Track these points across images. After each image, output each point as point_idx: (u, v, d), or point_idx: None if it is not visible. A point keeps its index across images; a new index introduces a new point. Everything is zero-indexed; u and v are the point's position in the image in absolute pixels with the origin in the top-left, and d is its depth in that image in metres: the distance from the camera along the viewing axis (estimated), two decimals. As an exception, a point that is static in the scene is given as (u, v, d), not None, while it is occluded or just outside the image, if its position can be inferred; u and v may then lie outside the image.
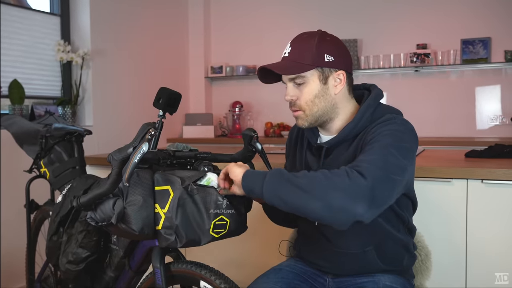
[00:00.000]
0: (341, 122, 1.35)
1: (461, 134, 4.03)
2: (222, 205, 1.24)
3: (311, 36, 1.31)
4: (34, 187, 2.14)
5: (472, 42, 3.93)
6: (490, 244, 1.75)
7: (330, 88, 1.31)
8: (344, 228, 1.09)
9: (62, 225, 1.68)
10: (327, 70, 1.30)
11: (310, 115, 1.32)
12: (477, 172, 1.74)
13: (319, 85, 1.30)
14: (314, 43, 1.29)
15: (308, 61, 1.28)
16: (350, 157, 1.29)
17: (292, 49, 1.31)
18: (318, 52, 1.28)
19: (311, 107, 1.31)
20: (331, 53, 1.29)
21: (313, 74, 1.29)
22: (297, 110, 1.33)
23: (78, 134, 1.96)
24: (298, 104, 1.32)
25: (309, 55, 1.28)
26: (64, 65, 3.54)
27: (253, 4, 4.78)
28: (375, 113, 1.32)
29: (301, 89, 1.31)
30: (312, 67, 1.28)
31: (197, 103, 4.89)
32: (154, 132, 1.20)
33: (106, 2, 3.78)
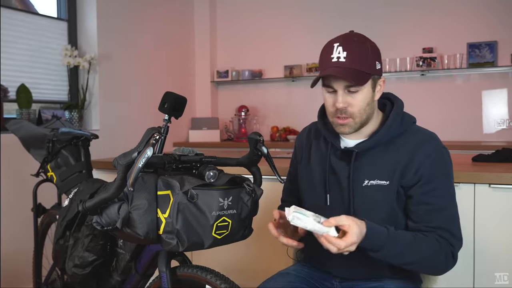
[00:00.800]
0: (371, 127, 1.37)
1: (467, 138, 4.01)
2: (224, 205, 1.24)
3: (362, 41, 1.30)
4: (41, 191, 2.15)
5: (478, 46, 3.92)
6: (498, 248, 1.74)
7: (375, 95, 1.33)
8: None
9: (69, 228, 1.69)
10: (376, 78, 1.32)
11: (359, 122, 1.31)
12: (485, 177, 1.73)
13: (370, 93, 1.31)
14: (369, 50, 1.29)
15: (366, 69, 1.27)
16: (385, 167, 1.32)
17: (348, 54, 1.26)
18: (372, 60, 1.29)
19: (362, 114, 1.31)
20: (379, 60, 1.32)
21: (368, 82, 1.29)
22: (346, 117, 1.30)
23: (84, 138, 1.97)
24: (350, 111, 1.29)
25: (367, 63, 1.27)
26: (71, 69, 3.56)
27: (259, 8, 4.79)
28: (403, 121, 1.36)
29: (354, 96, 1.28)
30: (370, 76, 1.28)
31: (203, 107, 4.90)
32: (158, 136, 1.20)
33: (113, 7, 3.80)
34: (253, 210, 1.36)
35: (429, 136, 1.35)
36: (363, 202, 1.31)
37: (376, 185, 1.31)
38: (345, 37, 1.31)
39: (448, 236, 1.27)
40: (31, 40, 3.31)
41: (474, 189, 1.76)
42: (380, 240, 1.20)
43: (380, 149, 1.34)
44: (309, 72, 4.43)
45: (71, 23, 3.63)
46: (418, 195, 1.30)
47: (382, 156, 1.33)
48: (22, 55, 3.25)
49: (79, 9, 3.67)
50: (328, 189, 1.39)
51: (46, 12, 3.52)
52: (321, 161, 1.43)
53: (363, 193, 1.33)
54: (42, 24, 3.41)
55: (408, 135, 1.34)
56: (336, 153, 1.40)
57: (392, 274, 1.36)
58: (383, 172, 1.31)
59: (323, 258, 1.44)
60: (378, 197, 1.31)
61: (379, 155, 1.33)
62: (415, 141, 1.32)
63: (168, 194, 1.21)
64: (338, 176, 1.37)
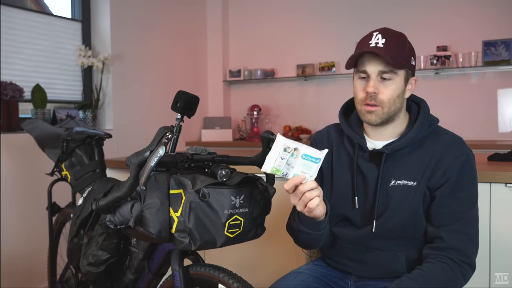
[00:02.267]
0: (397, 128, 1.37)
1: (483, 137, 3.96)
2: (236, 204, 1.24)
3: (401, 35, 1.33)
4: (56, 190, 2.17)
5: (494, 43, 3.87)
6: (503, 254, 1.71)
7: (406, 91, 1.35)
8: None
9: (83, 227, 1.70)
10: (410, 73, 1.34)
11: (386, 112, 1.31)
12: (501, 176, 1.71)
13: (402, 86, 1.32)
14: (407, 43, 1.32)
15: (403, 60, 1.29)
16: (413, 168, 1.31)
17: (387, 41, 1.27)
18: (409, 54, 1.31)
19: (391, 104, 1.30)
20: (414, 58, 1.35)
21: (401, 74, 1.31)
22: (375, 105, 1.30)
23: (98, 137, 1.98)
24: (380, 99, 1.29)
25: (404, 54, 1.30)
26: (85, 69, 3.59)
27: (271, 8, 4.79)
28: (430, 123, 1.37)
29: (387, 85, 1.29)
30: (405, 67, 1.30)
31: (216, 106, 4.91)
32: (170, 135, 1.20)
33: (126, 7, 3.83)
34: (265, 209, 1.36)
35: (457, 138, 1.36)
36: (388, 202, 1.30)
37: (404, 185, 1.30)
38: (385, 28, 1.32)
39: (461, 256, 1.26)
40: (46, 41, 3.35)
41: (490, 189, 1.73)
42: None
43: (409, 150, 1.33)
44: (322, 71, 4.41)
45: (85, 24, 3.67)
46: (443, 197, 1.28)
47: (410, 157, 1.32)
48: (37, 55, 3.29)
49: (93, 10, 3.70)
50: (356, 192, 1.37)
51: (60, 13, 3.55)
52: (349, 164, 1.41)
53: (389, 193, 1.31)
54: (57, 24, 3.45)
55: (435, 136, 1.34)
56: (364, 155, 1.38)
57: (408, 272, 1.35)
58: (411, 173, 1.31)
59: (338, 256, 1.44)
60: (404, 197, 1.30)
61: (407, 156, 1.33)
62: (443, 143, 1.32)
63: (180, 193, 1.21)
64: (367, 178, 1.35)
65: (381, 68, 1.28)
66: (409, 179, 1.30)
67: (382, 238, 1.34)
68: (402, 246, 1.34)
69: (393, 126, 1.36)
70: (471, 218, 1.29)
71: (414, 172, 1.30)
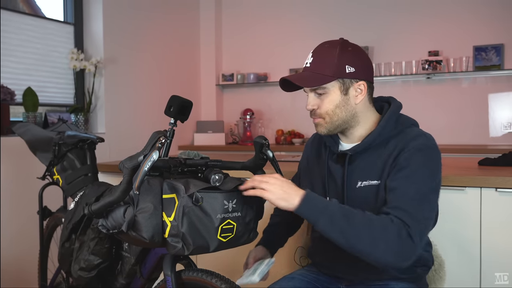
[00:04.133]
0: (362, 130, 1.38)
1: (474, 141, 3.99)
2: (228, 208, 1.24)
3: (333, 46, 1.34)
4: (47, 194, 2.16)
5: (484, 48, 3.90)
6: (505, 253, 1.73)
7: (351, 99, 1.34)
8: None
9: (75, 232, 1.69)
10: (348, 81, 1.33)
11: (330, 123, 1.35)
12: (491, 181, 1.72)
13: (339, 96, 1.33)
14: (336, 53, 1.31)
15: (329, 73, 1.30)
16: (375, 167, 1.32)
17: (313, 59, 1.34)
18: (340, 63, 1.31)
19: (331, 116, 1.34)
20: (353, 64, 1.32)
21: (334, 85, 1.32)
22: (318, 117, 1.36)
23: (90, 141, 1.98)
24: (319, 113, 1.35)
25: (331, 66, 1.31)
26: (77, 73, 3.58)
27: (264, 12, 4.80)
28: (398, 122, 1.36)
29: (322, 98, 1.34)
30: (333, 79, 1.31)
31: (208, 110, 4.91)
32: (164, 140, 1.20)
33: (119, 11, 3.82)
34: (258, 214, 1.36)
35: (421, 133, 1.32)
36: (356, 203, 1.31)
37: (368, 185, 1.32)
38: (321, 44, 1.38)
39: (404, 215, 1.18)
40: (38, 44, 3.34)
41: (481, 193, 1.75)
42: (316, 210, 1.19)
43: (373, 151, 1.34)
44: (314, 76, 4.42)
45: (78, 27, 3.66)
46: (389, 181, 1.26)
47: (375, 157, 1.33)
48: (29, 58, 3.27)
49: (86, 13, 3.69)
50: (327, 191, 1.41)
51: (52, 15, 3.54)
52: (320, 165, 1.47)
53: (357, 194, 1.34)
54: (49, 27, 3.43)
55: (403, 135, 1.33)
56: (333, 157, 1.43)
57: (398, 275, 1.36)
58: (374, 172, 1.32)
59: (330, 261, 1.45)
60: (369, 197, 1.31)
61: (372, 157, 1.34)
62: (405, 139, 1.31)
63: (173, 198, 1.20)
64: (335, 179, 1.40)
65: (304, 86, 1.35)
66: (373, 179, 1.32)
67: None
68: None
69: (358, 130, 1.38)
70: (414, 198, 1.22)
71: (377, 171, 1.31)
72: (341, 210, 1.19)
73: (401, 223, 1.17)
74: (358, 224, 1.17)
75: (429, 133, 1.34)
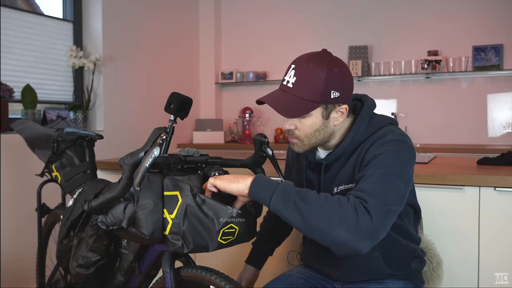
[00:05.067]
0: (338, 140, 1.34)
1: (472, 141, 4.00)
2: (233, 213, 1.23)
3: (319, 68, 1.22)
4: (46, 191, 2.16)
5: (484, 49, 3.91)
6: (503, 252, 1.73)
7: (330, 121, 1.29)
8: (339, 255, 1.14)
9: (73, 229, 1.69)
10: (331, 106, 1.26)
11: (307, 144, 1.31)
12: (490, 180, 1.72)
13: (320, 120, 1.27)
14: (322, 78, 1.22)
15: (314, 98, 1.22)
16: (349, 172, 1.30)
17: (297, 80, 1.24)
18: (325, 89, 1.22)
19: (310, 139, 1.30)
20: (338, 89, 1.24)
21: (317, 111, 1.25)
22: (294, 138, 1.32)
23: (89, 138, 1.97)
24: (297, 134, 1.30)
25: (316, 92, 1.22)
26: (76, 70, 3.57)
27: (263, 10, 4.80)
28: (370, 125, 1.31)
29: (302, 122, 1.27)
30: (318, 105, 1.24)
31: (208, 108, 4.91)
32: (165, 136, 1.20)
33: (118, 8, 3.81)
34: (257, 213, 1.36)
35: (391, 130, 1.27)
36: None
37: (344, 189, 1.31)
38: (303, 59, 1.26)
39: (362, 195, 1.11)
40: (37, 41, 3.33)
41: (479, 193, 1.75)
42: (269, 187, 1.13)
43: (347, 156, 1.32)
44: (314, 75, 4.42)
45: (77, 24, 3.65)
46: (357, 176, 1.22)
47: (349, 163, 1.31)
48: (28, 55, 3.27)
49: (85, 10, 3.69)
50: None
51: (51, 13, 3.53)
52: (299, 174, 1.48)
53: None
54: (48, 25, 3.43)
55: (374, 136, 1.28)
56: (310, 166, 1.43)
57: (392, 274, 1.36)
58: (348, 177, 1.30)
59: (321, 263, 1.46)
60: None
61: (346, 163, 1.32)
62: (375, 138, 1.27)
63: (177, 195, 1.20)
64: (313, 186, 1.40)
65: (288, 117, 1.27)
66: (348, 183, 1.30)
67: None
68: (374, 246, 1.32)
69: (336, 139, 1.34)
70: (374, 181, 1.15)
71: (350, 174, 1.30)
72: (295, 188, 1.13)
73: (358, 200, 1.10)
74: (313, 201, 1.09)
75: (401, 130, 1.30)
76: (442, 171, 1.86)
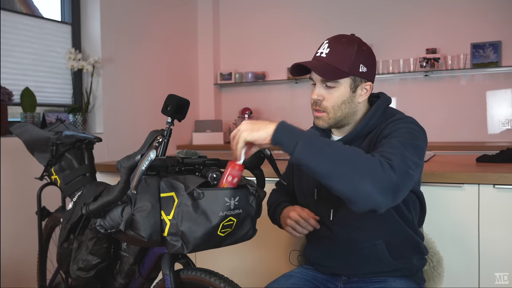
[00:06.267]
0: (353, 125, 1.41)
1: (472, 138, 4.00)
2: (230, 205, 1.23)
3: (351, 42, 1.34)
4: (45, 194, 2.16)
5: (482, 46, 3.91)
6: (503, 250, 1.73)
7: (356, 96, 1.37)
8: (358, 211, 1.10)
9: (73, 232, 1.69)
10: (359, 80, 1.35)
11: (332, 118, 1.36)
12: (489, 177, 1.72)
13: (348, 92, 1.35)
14: (354, 51, 1.32)
15: (345, 68, 1.31)
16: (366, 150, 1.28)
17: (330, 51, 1.33)
18: (355, 61, 1.32)
19: (336, 111, 1.35)
20: (366, 64, 1.35)
21: (346, 81, 1.33)
22: (321, 111, 1.36)
23: (88, 141, 1.97)
24: (324, 105, 1.36)
25: (347, 62, 1.31)
26: (75, 73, 3.58)
27: (261, 10, 4.80)
28: (386, 112, 1.39)
29: (331, 92, 1.34)
30: (348, 75, 1.32)
31: (207, 109, 4.91)
32: (161, 139, 1.20)
33: (117, 10, 3.81)
34: (257, 212, 1.36)
35: (404, 116, 1.34)
36: None
37: None
38: (337, 36, 1.37)
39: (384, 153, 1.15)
40: (35, 44, 3.33)
41: (479, 190, 1.75)
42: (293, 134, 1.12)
43: (362, 139, 1.38)
44: (313, 74, 4.42)
45: (75, 27, 3.65)
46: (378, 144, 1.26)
47: (363, 145, 1.36)
48: (27, 58, 3.27)
49: (83, 13, 3.69)
50: (316, 183, 1.43)
51: (50, 15, 3.54)
52: None
53: None
54: (46, 27, 3.43)
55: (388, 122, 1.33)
56: None
57: (394, 267, 1.37)
58: None
59: (326, 258, 1.46)
60: None
61: (360, 144, 1.37)
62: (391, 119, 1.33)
63: (172, 196, 1.20)
64: None
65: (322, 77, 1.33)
66: None
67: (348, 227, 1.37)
68: (377, 233, 1.35)
69: (353, 122, 1.41)
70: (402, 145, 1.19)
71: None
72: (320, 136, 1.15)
73: (383, 158, 1.12)
74: (340, 147, 1.11)
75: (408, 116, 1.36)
76: (441, 169, 1.86)
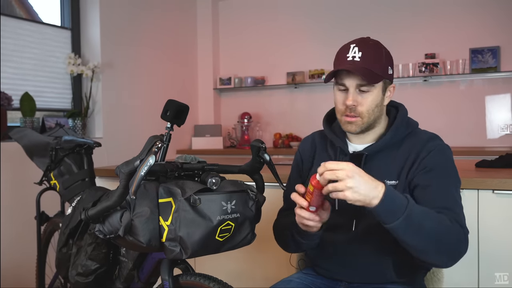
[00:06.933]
0: (375, 133, 1.40)
1: (471, 144, 4.00)
2: (227, 209, 1.23)
3: (378, 46, 1.35)
4: (45, 199, 2.16)
5: (481, 51, 3.92)
6: (503, 255, 1.73)
7: (385, 99, 1.38)
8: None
9: (72, 237, 1.69)
10: (388, 82, 1.37)
11: (366, 122, 1.35)
12: (488, 183, 1.72)
13: (380, 96, 1.35)
14: (383, 53, 1.33)
15: (379, 71, 1.31)
16: (394, 168, 1.34)
17: (363, 55, 1.30)
18: (385, 64, 1.33)
19: (370, 115, 1.34)
20: (392, 66, 1.37)
21: (379, 85, 1.33)
22: (355, 116, 1.34)
23: (87, 146, 1.97)
24: (359, 110, 1.33)
25: (380, 65, 1.32)
26: (74, 77, 3.58)
27: (261, 15, 4.81)
28: (408, 124, 1.40)
29: (365, 96, 1.33)
30: (382, 78, 1.32)
31: (206, 114, 4.91)
32: (160, 144, 1.20)
33: (116, 15, 3.82)
34: (256, 217, 1.36)
35: (433, 135, 1.39)
36: None
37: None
38: (362, 39, 1.36)
39: (456, 217, 1.22)
40: (35, 49, 3.34)
41: (478, 195, 1.75)
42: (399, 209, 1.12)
43: (388, 151, 1.36)
44: (312, 79, 4.43)
45: (75, 32, 3.66)
46: (420, 181, 1.29)
47: (389, 158, 1.35)
48: (26, 63, 3.28)
49: (83, 18, 3.70)
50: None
51: (50, 21, 3.54)
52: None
53: None
54: (46, 32, 3.44)
55: (414, 136, 1.38)
56: (345, 159, 1.40)
57: (396, 277, 1.36)
58: (392, 172, 1.33)
59: (327, 263, 1.45)
60: None
61: (387, 157, 1.36)
62: (421, 140, 1.36)
63: (170, 201, 1.20)
64: None
65: (358, 82, 1.31)
66: (390, 179, 1.32)
67: (365, 239, 1.34)
68: (389, 248, 1.33)
69: (374, 132, 1.40)
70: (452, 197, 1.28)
71: (395, 171, 1.33)
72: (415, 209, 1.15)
73: (459, 227, 1.21)
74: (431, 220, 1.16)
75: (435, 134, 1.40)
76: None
